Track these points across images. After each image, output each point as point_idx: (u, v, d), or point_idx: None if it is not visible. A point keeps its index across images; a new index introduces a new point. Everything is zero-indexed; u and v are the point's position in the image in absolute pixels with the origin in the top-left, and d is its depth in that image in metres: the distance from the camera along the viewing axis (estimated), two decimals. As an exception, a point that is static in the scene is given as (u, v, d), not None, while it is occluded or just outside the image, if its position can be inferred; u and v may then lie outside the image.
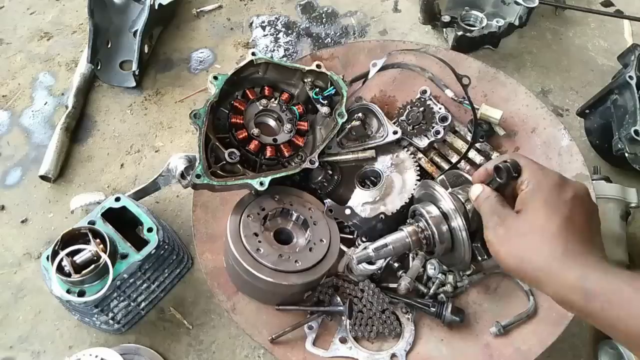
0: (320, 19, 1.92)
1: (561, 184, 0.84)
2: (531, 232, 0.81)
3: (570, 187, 0.84)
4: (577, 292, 0.74)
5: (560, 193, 0.83)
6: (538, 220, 0.81)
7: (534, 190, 0.84)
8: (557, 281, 0.77)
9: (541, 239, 0.80)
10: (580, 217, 0.82)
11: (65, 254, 1.15)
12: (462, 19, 1.71)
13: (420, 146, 1.37)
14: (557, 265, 0.77)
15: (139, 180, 1.57)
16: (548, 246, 0.79)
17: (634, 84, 1.45)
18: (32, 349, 1.34)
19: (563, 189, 0.83)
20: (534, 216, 0.82)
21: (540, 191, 0.84)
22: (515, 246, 0.82)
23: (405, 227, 1.14)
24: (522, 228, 0.82)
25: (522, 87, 1.39)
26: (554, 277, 0.77)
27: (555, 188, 0.83)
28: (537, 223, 0.81)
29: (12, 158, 1.65)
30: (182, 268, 1.39)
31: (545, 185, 0.84)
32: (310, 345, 1.17)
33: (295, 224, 1.24)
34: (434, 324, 1.22)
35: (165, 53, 1.84)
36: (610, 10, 1.90)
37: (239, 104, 1.27)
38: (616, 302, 0.71)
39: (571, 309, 0.79)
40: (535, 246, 0.80)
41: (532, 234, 0.81)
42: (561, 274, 0.77)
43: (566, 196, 0.82)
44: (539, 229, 0.81)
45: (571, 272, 0.76)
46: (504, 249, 0.83)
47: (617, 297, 0.71)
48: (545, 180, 0.85)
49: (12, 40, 1.90)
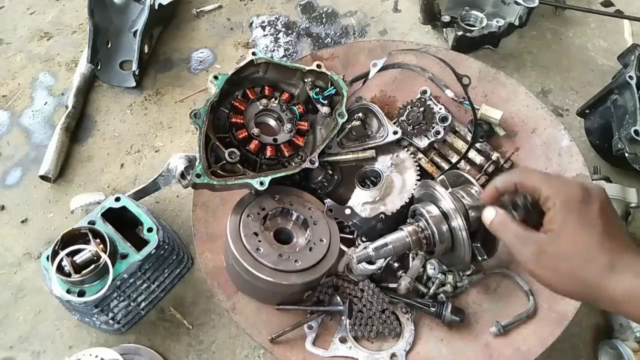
0: (320, 19, 1.92)
1: (585, 195, 0.84)
2: (574, 252, 0.81)
3: (595, 196, 0.84)
4: (635, 301, 0.76)
5: (589, 205, 0.83)
6: (578, 239, 0.81)
7: (563, 209, 0.83)
8: (612, 295, 0.77)
9: (586, 256, 0.80)
10: (612, 224, 0.83)
11: (65, 254, 1.15)
12: (462, 19, 1.71)
13: (420, 146, 1.37)
14: (608, 279, 0.78)
15: (139, 180, 1.57)
16: (594, 263, 0.79)
17: (634, 84, 1.45)
18: (32, 349, 1.34)
19: (589, 200, 0.83)
20: (573, 235, 0.82)
21: (569, 209, 0.83)
22: (563, 270, 0.82)
23: (406, 226, 1.14)
24: (564, 249, 0.82)
25: (522, 87, 1.39)
26: (609, 292, 0.78)
27: (583, 202, 0.83)
28: (578, 242, 0.81)
29: (12, 158, 1.65)
30: (182, 268, 1.39)
31: (573, 200, 0.83)
32: (310, 345, 1.17)
33: (295, 224, 1.24)
34: (433, 323, 1.22)
35: (165, 53, 1.84)
36: (610, 10, 1.90)
37: (239, 103, 1.27)
38: None
39: (633, 318, 0.81)
40: (582, 265, 0.80)
41: (576, 254, 0.81)
42: (614, 286, 0.77)
43: (595, 208, 0.82)
44: (582, 248, 0.81)
45: (623, 283, 0.77)
46: (551, 274, 0.83)
47: None
48: (571, 195, 0.84)
49: (12, 40, 1.90)
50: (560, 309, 1.15)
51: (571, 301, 1.13)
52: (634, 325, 1.26)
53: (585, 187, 0.85)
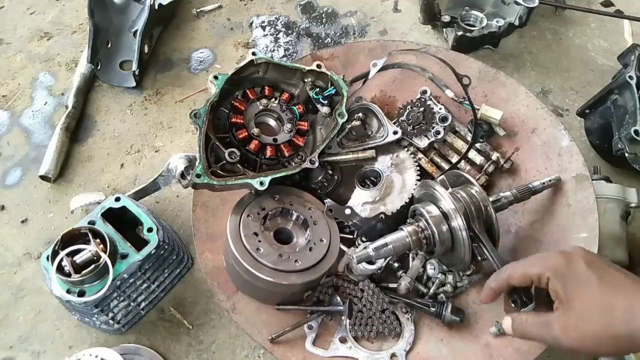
0: (320, 19, 1.92)
1: (567, 258, 0.89)
2: (590, 311, 0.84)
3: (575, 255, 0.89)
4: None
5: (574, 264, 0.88)
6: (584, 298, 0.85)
7: (557, 279, 0.88)
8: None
9: (602, 308, 0.83)
10: (606, 271, 0.87)
11: (65, 254, 1.15)
12: (462, 19, 1.71)
13: (420, 146, 1.37)
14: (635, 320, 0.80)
15: (139, 180, 1.57)
16: (613, 312, 0.82)
17: (634, 84, 1.45)
18: (32, 349, 1.34)
19: (572, 260, 0.88)
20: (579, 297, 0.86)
21: (561, 276, 0.88)
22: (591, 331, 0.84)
23: (406, 226, 1.14)
24: (579, 313, 0.85)
25: (522, 87, 1.39)
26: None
27: (568, 264, 0.88)
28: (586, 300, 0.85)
29: (12, 158, 1.65)
30: (182, 268, 1.39)
31: (559, 268, 0.89)
32: (310, 345, 1.17)
33: (295, 224, 1.24)
34: (433, 323, 1.22)
35: (165, 53, 1.84)
36: (610, 10, 1.90)
37: (239, 103, 1.27)
38: None
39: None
40: (603, 319, 0.83)
41: (592, 311, 0.84)
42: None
43: (581, 265, 0.87)
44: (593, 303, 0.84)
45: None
46: (585, 342, 0.85)
47: None
48: (555, 264, 0.89)
49: (12, 40, 1.90)
50: (560, 309, 1.15)
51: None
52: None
53: (563, 252, 0.91)
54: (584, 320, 0.84)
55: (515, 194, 1.21)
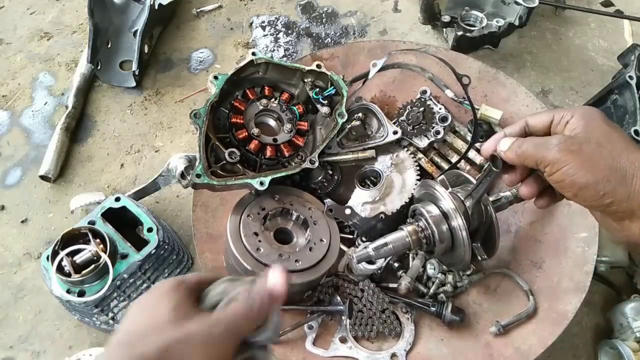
0: (320, 19, 1.92)
1: (591, 109, 0.84)
2: (605, 139, 0.79)
3: (597, 112, 0.84)
4: None
5: (599, 116, 0.82)
6: (605, 131, 0.80)
7: (581, 119, 0.81)
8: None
9: (620, 146, 0.78)
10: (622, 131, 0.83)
11: (65, 254, 1.15)
12: (462, 19, 1.71)
13: (420, 146, 1.37)
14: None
15: (139, 180, 1.57)
16: (632, 153, 0.77)
17: (634, 84, 1.45)
18: (32, 349, 1.34)
19: (596, 112, 0.83)
20: (600, 128, 0.80)
21: (584, 118, 0.81)
22: (593, 153, 0.78)
23: (406, 226, 1.14)
24: (593, 136, 0.79)
25: (522, 87, 1.39)
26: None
27: (593, 112, 0.83)
28: (606, 133, 0.80)
29: (12, 158, 1.65)
30: (182, 268, 1.39)
31: (586, 112, 0.82)
32: (310, 344, 1.17)
33: (295, 224, 1.24)
34: (434, 323, 1.22)
35: (165, 53, 1.84)
36: (610, 10, 1.90)
37: (239, 103, 1.27)
38: None
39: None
40: (615, 151, 0.78)
41: (608, 141, 0.79)
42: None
43: (603, 120, 0.82)
44: (614, 137, 0.79)
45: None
46: (578, 159, 0.78)
47: None
48: (581, 110, 0.83)
49: (12, 40, 1.90)
50: (560, 308, 1.15)
51: (572, 301, 1.14)
52: (634, 325, 1.26)
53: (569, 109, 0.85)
54: (594, 143, 0.78)
55: (515, 194, 1.21)
